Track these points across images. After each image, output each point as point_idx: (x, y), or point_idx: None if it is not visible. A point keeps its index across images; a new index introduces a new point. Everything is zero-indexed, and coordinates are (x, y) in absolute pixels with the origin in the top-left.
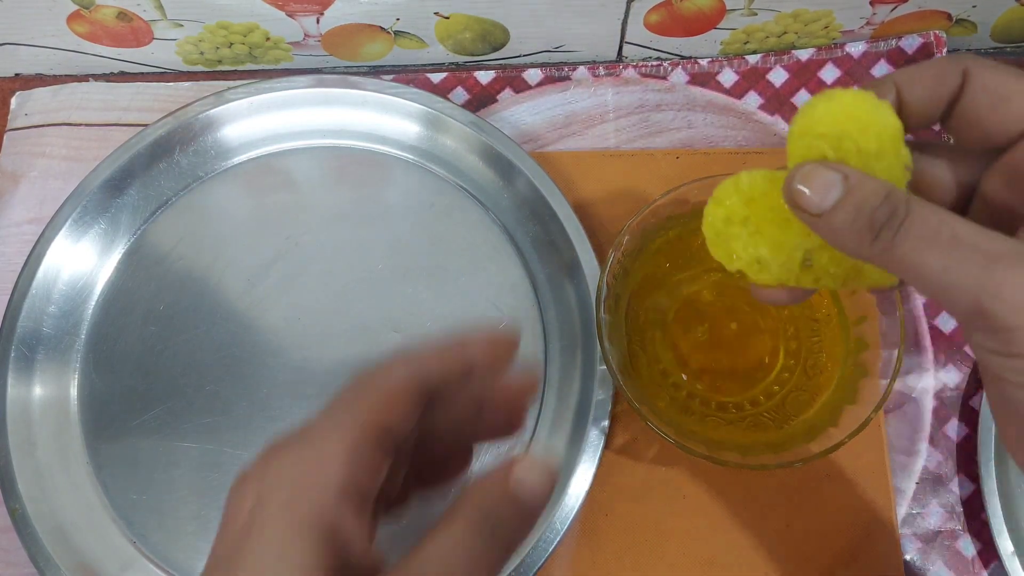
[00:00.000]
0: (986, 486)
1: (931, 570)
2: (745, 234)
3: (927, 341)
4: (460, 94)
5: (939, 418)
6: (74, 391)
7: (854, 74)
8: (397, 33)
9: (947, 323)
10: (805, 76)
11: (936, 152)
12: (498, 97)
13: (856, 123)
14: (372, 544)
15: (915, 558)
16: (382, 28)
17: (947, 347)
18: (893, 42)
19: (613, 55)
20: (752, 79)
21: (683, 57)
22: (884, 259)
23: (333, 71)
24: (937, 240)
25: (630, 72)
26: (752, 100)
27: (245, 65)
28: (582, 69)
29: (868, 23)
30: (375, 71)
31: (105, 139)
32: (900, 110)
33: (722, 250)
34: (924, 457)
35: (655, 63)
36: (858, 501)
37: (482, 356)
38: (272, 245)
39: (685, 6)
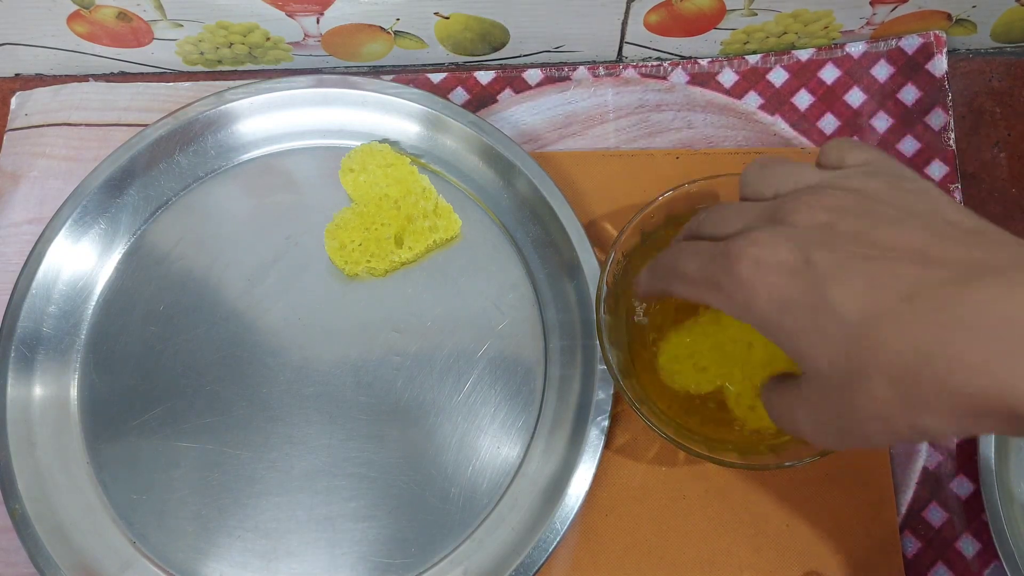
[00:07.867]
0: (986, 486)
1: (931, 570)
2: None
3: None
4: (460, 94)
5: None
6: (74, 391)
7: (854, 74)
8: (397, 33)
9: None
10: (805, 76)
11: None
12: (498, 97)
13: None
14: None
15: (915, 558)
16: (382, 28)
17: None
18: (893, 42)
19: (613, 55)
20: (752, 79)
21: (683, 57)
22: None
23: (333, 71)
24: None
25: (630, 72)
26: (752, 100)
27: (245, 65)
28: (582, 69)
29: (868, 23)
30: (375, 71)
31: (105, 139)
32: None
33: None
34: (924, 457)
35: (655, 63)
36: (858, 501)
37: None
38: (272, 245)
39: (685, 6)
